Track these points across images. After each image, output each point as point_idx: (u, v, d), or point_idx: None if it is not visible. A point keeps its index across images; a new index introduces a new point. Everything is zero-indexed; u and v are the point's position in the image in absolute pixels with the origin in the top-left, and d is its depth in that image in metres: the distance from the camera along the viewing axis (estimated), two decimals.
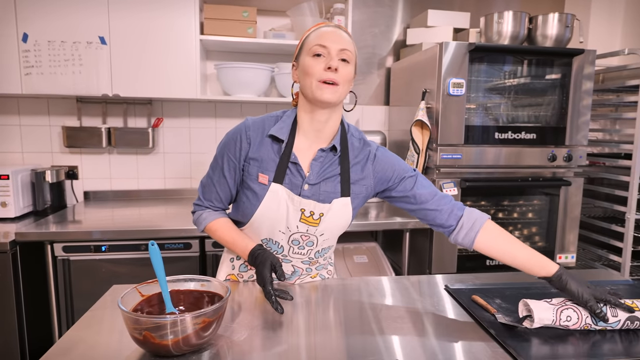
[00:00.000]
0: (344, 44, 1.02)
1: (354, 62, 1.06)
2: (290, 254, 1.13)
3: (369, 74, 2.65)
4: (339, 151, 1.08)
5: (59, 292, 1.82)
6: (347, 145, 1.10)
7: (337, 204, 1.08)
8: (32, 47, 1.96)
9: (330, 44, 1.01)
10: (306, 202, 1.06)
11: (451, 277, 1.28)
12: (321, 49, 1.01)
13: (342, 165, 1.09)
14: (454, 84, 1.91)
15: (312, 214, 1.06)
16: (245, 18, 2.14)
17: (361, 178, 1.11)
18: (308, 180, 1.07)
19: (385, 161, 1.12)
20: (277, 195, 1.06)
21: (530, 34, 2.11)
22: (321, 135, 1.09)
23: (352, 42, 1.06)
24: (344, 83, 1.03)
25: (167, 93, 2.12)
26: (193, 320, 0.77)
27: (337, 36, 1.03)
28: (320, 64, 1.01)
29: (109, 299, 1.09)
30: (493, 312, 0.99)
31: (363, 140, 1.14)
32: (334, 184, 1.08)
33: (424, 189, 1.11)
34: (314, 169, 1.07)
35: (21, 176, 2.07)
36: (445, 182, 1.96)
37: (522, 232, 2.20)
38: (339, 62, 1.01)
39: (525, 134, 2.02)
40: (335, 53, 1.01)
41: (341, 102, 1.06)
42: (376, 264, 2.13)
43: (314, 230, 1.08)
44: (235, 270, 1.23)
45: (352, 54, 1.04)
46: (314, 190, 1.07)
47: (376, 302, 1.09)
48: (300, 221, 1.07)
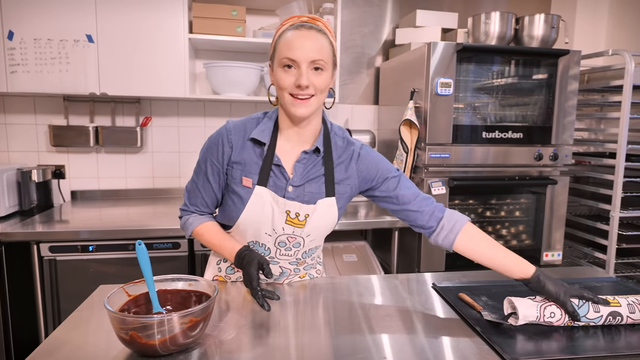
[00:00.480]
0: (314, 54, 0.95)
1: (331, 63, 1.01)
2: (277, 256, 1.12)
3: (358, 74, 2.66)
4: (322, 152, 1.07)
5: (45, 292, 1.80)
6: (330, 145, 1.09)
7: (322, 205, 1.07)
8: (17, 45, 1.93)
9: (299, 56, 0.95)
10: (291, 203, 1.05)
11: (439, 275, 1.29)
12: (290, 62, 0.96)
13: (325, 166, 1.08)
14: (442, 84, 1.93)
15: (298, 216, 1.06)
16: (234, 17, 2.14)
17: (345, 177, 1.10)
18: (292, 182, 1.06)
19: (369, 160, 1.12)
20: (261, 198, 1.05)
21: (517, 35, 2.14)
22: (303, 137, 1.07)
23: (328, 42, 0.99)
24: (319, 93, 0.99)
25: (155, 92, 2.10)
26: (180, 320, 0.76)
27: (308, 42, 0.95)
28: (291, 78, 0.97)
29: (96, 299, 1.08)
30: (479, 309, 1.00)
31: (347, 139, 1.12)
32: (318, 185, 1.08)
33: (407, 189, 1.11)
34: (297, 171, 1.07)
35: (7, 175, 2.04)
36: (434, 181, 1.98)
37: (509, 230, 2.23)
38: (311, 73, 0.96)
39: (513, 134, 2.05)
40: (306, 66, 0.95)
41: (319, 107, 1.03)
42: (365, 262, 2.14)
43: (300, 231, 1.08)
44: (222, 273, 1.22)
45: (326, 60, 0.97)
46: (298, 192, 1.07)
47: (365, 300, 1.10)
48: (285, 223, 1.06)
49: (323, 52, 0.97)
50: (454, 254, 2.05)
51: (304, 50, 0.95)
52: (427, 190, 1.98)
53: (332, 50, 1.01)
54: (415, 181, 2.07)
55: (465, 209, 2.21)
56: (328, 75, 1.00)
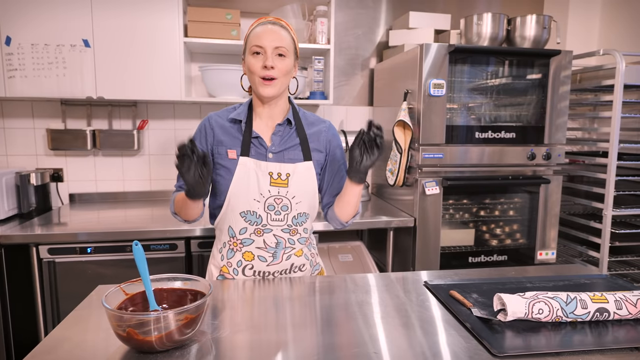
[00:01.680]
0: (278, 41, 1.17)
1: (293, 52, 1.22)
2: (269, 222, 1.23)
3: (352, 75, 2.68)
4: (293, 125, 1.27)
5: (44, 293, 1.82)
6: (300, 119, 1.29)
7: (301, 167, 1.24)
8: (15, 50, 1.95)
9: (265, 43, 1.16)
10: (272, 164, 1.22)
11: (432, 273, 1.31)
12: (258, 48, 1.17)
13: (299, 136, 1.27)
14: (434, 85, 1.96)
15: (280, 175, 1.22)
16: (228, 20, 2.16)
17: (317, 147, 1.29)
18: (271, 149, 1.24)
19: (335, 133, 1.35)
20: (245, 166, 1.21)
21: (509, 35, 2.17)
22: (273, 116, 1.27)
23: (289, 35, 1.21)
24: (282, 75, 1.19)
25: (151, 95, 2.13)
26: (175, 317, 0.79)
27: (272, 34, 1.17)
28: (259, 62, 1.17)
29: (94, 299, 1.10)
30: (469, 306, 1.02)
31: (317, 117, 1.35)
32: (295, 152, 1.26)
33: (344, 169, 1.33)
34: (275, 141, 1.25)
35: (5, 179, 2.06)
36: (428, 181, 2.00)
37: (503, 229, 2.25)
38: (275, 58, 1.17)
39: (505, 133, 2.08)
40: (271, 51, 1.16)
41: (284, 90, 1.25)
42: (361, 262, 2.16)
43: (285, 191, 1.22)
44: (224, 261, 1.28)
45: (288, 48, 1.19)
46: (278, 157, 1.24)
47: (359, 298, 1.12)
48: (270, 185, 1.21)
49: (285, 41, 1.19)
50: (449, 253, 2.09)
51: (269, 39, 1.17)
52: (422, 190, 2.01)
53: (294, 43, 1.23)
54: (409, 181, 2.10)
55: (459, 208, 2.23)
56: (290, 62, 1.21)
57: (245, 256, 1.25)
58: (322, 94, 2.37)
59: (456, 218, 2.23)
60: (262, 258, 1.25)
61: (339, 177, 1.33)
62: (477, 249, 2.16)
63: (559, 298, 0.96)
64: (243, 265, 1.26)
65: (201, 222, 1.87)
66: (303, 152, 1.26)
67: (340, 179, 1.33)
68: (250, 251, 1.25)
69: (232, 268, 1.27)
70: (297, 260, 1.30)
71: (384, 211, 2.21)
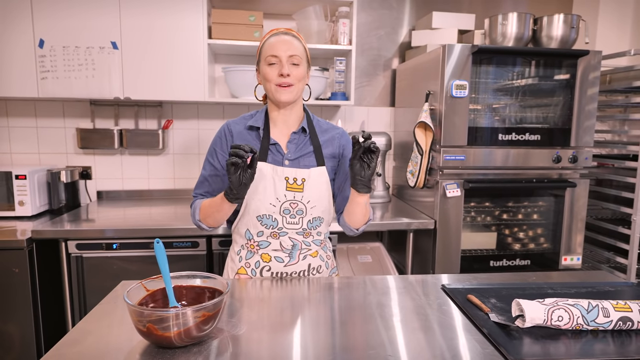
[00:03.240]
0: (291, 51, 1.23)
1: (305, 61, 1.27)
2: (285, 225, 1.27)
3: (374, 76, 2.67)
4: (307, 132, 1.30)
5: (72, 287, 1.89)
6: (314, 127, 1.33)
7: (315, 172, 1.28)
8: (48, 53, 2.04)
9: (280, 53, 1.22)
10: (288, 170, 1.26)
11: (451, 277, 1.30)
12: (273, 58, 1.23)
13: (313, 144, 1.31)
14: (457, 86, 1.93)
15: (295, 180, 1.25)
16: (252, 22, 2.19)
17: (332, 153, 1.33)
18: (287, 156, 1.28)
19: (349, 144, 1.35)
20: (262, 172, 1.24)
21: (535, 35, 2.12)
22: (289, 123, 1.31)
23: (301, 44, 1.26)
24: (298, 82, 1.24)
25: (176, 96, 2.18)
26: (194, 314, 0.81)
27: (285, 44, 1.23)
28: (275, 71, 1.23)
29: (117, 294, 1.14)
30: (487, 311, 1.01)
31: (330, 124, 1.39)
32: (310, 159, 1.30)
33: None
34: (290, 149, 1.29)
35: (37, 176, 2.16)
36: (449, 184, 1.98)
37: (527, 233, 2.20)
38: (290, 67, 1.23)
39: (530, 135, 2.03)
40: (285, 60, 1.22)
41: (299, 96, 1.29)
42: (380, 263, 2.16)
43: (300, 196, 1.26)
44: (242, 262, 1.31)
45: (301, 56, 1.25)
46: (294, 164, 1.28)
47: (377, 299, 1.12)
48: (286, 190, 1.25)
49: (298, 50, 1.24)
50: (470, 257, 2.05)
51: (283, 49, 1.22)
52: (442, 192, 1.98)
53: (305, 52, 1.28)
54: (430, 183, 2.08)
55: (481, 211, 2.19)
56: (303, 69, 1.26)
57: (263, 257, 1.29)
58: (343, 95, 2.37)
59: (478, 221, 2.19)
60: (279, 259, 1.28)
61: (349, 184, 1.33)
62: (499, 252, 2.11)
63: (579, 305, 0.93)
64: (261, 266, 1.29)
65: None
66: (316, 158, 1.30)
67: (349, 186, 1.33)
68: (267, 253, 1.29)
69: (251, 269, 1.30)
70: (313, 261, 1.32)
71: (404, 213, 2.19)
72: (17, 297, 1.82)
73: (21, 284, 1.82)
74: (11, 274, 1.81)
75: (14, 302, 1.82)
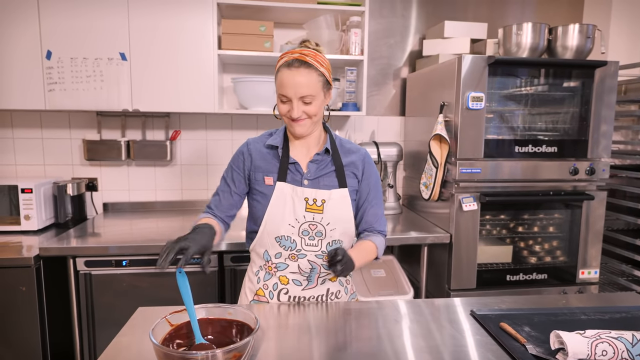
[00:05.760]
0: (303, 90, 1.15)
1: (321, 92, 1.19)
2: (303, 247, 1.22)
3: (384, 85, 2.64)
4: (331, 153, 1.26)
5: (80, 305, 1.84)
6: (337, 147, 1.29)
7: (336, 193, 1.24)
8: (55, 64, 1.99)
9: (289, 93, 1.16)
10: (308, 190, 1.22)
11: (476, 300, 1.25)
12: (284, 97, 1.17)
13: (335, 164, 1.26)
14: (473, 98, 1.89)
15: (315, 201, 1.21)
16: (262, 32, 2.15)
17: (354, 173, 1.29)
18: (306, 176, 1.24)
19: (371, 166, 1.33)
20: (282, 192, 1.22)
21: (549, 45, 2.08)
22: (309, 144, 1.28)
23: (315, 75, 1.16)
24: (312, 116, 1.19)
25: (185, 107, 2.14)
26: (224, 356, 0.77)
27: (295, 84, 1.15)
28: (287, 108, 1.19)
29: (135, 323, 1.10)
30: (523, 342, 0.97)
31: (353, 144, 1.35)
32: (331, 179, 1.25)
33: (371, 213, 1.31)
34: (311, 169, 1.25)
35: (44, 189, 2.11)
36: (465, 197, 1.94)
37: (542, 246, 2.16)
38: (301, 105, 1.17)
39: (546, 147, 1.99)
40: (296, 100, 1.16)
41: (317, 126, 1.25)
42: (394, 278, 2.11)
43: (320, 217, 1.21)
44: (260, 283, 1.28)
45: (314, 92, 1.16)
46: (314, 184, 1.24)
47: (404, 328, 1.08)
48: (306, 211, 1.21)
49: (310, 88, 1.15)
50: (485, 270, 2.02)
51: (293, 89, 1.15)
52: (458, 205, 1.94)
53: (322, 80, 1.18)
54: (445, 196, 2.04)
55: (496, 224, 2.16)
56: (318, 103, 1.19)
57: (281, 279, 1.25)
58: (354, 105, 2.34)
59: (493, 234, 2.16)
60: (297, 282, 1.25)
61: (363, 209, 1.31)
62: (515, 266, 2.08)
63: (623, 339, 0.90)
64: (279, 288, 1.25)
65: (233, 237, 1.86)
66: (338, 179, 1.26)
67: (364, 211, 1.31)
68: (285, 275, 1.25)
69: (269, 291, 1.26)
70: (332, 286, 1.29)
71: (416, 225, 2.15)
72: (24, 316, 1.77)
73: (28, 303, 1.77)
74: (18, 293, 1.76)
75: (21, 322, 1.77)
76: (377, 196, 1.32)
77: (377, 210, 1.31)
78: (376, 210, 1.31)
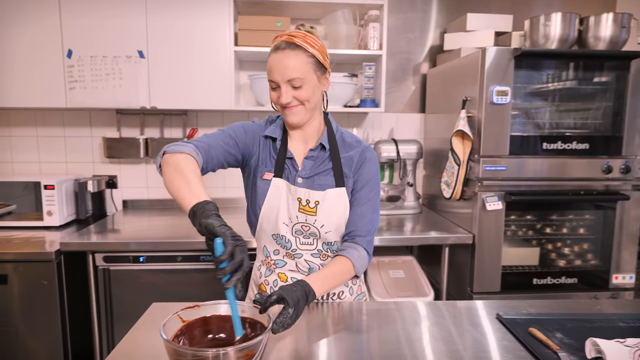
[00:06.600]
0: (288, 73, 1.06)
1: (312, 75, 1.09)
2: (298, 246, 1.17)
3: (403, 81, 2.57)
4: (328, 149, 1.16)
5: (99, 300, 1.86)
6: (336, 142, 1.18)
7: (331, 193, 1.14)
8: (76, 63, 2.02)
9: (276, 77, 1.08)
10: (301, 190, 1.14)
11: (502, 303, 1.18)
12: (273, 83, 1.10)
13: (333, 161, 1.16)
14: (498, 92, 1.81)
15: (308, 202, 1.13)
16: (279, 28, 2.13)
17: (349, 172, 1.17)
18: (300, 173, 1.16)
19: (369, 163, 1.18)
20: (278, 188, 1.15)
21: (580, 37, 1.98)
22: (307, 136, 1.19)
23: (304, 57, 1.07)
24: (304, 102, 1.10)
25: (202, 104, 2.13)
26: (236, 354, 0.73)
27: (283, 67, 1.06)
28: (277, 94, 1.10)
29: (147, 319, 1.08)
30: (555, 349, 0.90)
31: (355, 138, 1.22)
32: (327, 177, 1.16)
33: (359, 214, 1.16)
34: (306, 166, 1.16)
35: (65, 186, 2.14)
36: (489, 196, 1.86)
37: (572, 248, 2.05)
38: (290, 90, 1.08)
39: (577, 144, 1.89)
40: (284, 85, 1.08)
41: (312, 113, 1.14)
42: (413, 279, 2.05)
43: (313, 220, 1.13)
44: (262, 279, 1.24)
45: (303, 75, 1.07)
46: (308, 183, 1.15)
47: (425, 331, 1.02)
48: (299, 211, 1.14)
49: (297, 70, 1.06)
50: (510, 273, 1.93)
51: (280, 72, 1.07)
52: (481, 204, 1.87)
53: (313, 61, 1.09)
54: (468, 195, 1.96)
55: (522, 225, 2.06)
56: (309, 87, 1.09)
57: (280, 277, 1.20)
58: (372, 102, 2.28)
59: (518, 235, 2.06)
60: (295, 280, 1.14)
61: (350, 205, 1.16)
62: (542, 269, 1.98)
63: None
64: (279, 285, 1.20)
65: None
66: (335, 177, 1.15)
67: (351, 206, 1.16)
68: (284, 272, 1.20)
69: (269, 287, 1.22)
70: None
71: (437, 225, 2.08)
72: (45, 309, 1.80)
73: (50, 296, 1.79)
74: (40, 286, 1.79)
75: (43, 315, 1.80)
76: (370, 196, 1.17)
77: (364, 209, 1.15)
78: (363, 210, 1.15)
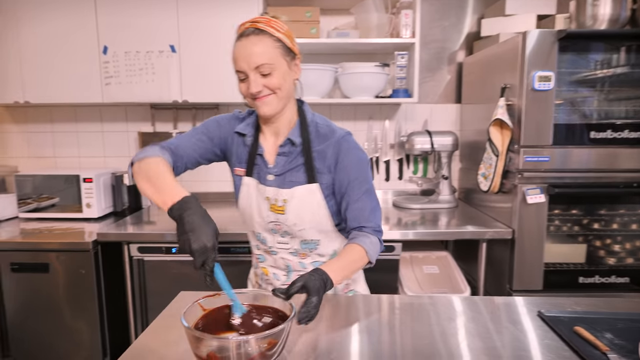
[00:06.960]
0: (255, 59, 0.99)
1: (281, 60, 1.02)
2: (275, 245, 1.15)
3: (438, 70, 2.48)
4: (299, 143, 1.09)
5: (134, 289, 1.91)
6: (308, 134, 1.10)
7: (300, 191, 1.08)
8: (111, 59, 2.08)
9: (243, 66, 1.00)
10: (269, 189, 1.10)
11: (543, 300, 1.10)
12: (240, 74, 1.03)
13: (305, 155, 1.09)
14: (540, 78, 1.70)
15: (276, 201, 1.09)
16: (308, 18, 2.10)
17: (322, 168, 1.09)
18: (271, 170, 1.11)
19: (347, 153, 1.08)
20: (248, 187, 1.13)
21: (633, 16, 1.82)
22: (279, 130, 1.12)
23: (270, 42, 1.00)
24: (276, 89, 1.03)
25: (231, 98, 2.14)
26: (258, 342, 0.71)
27: (247, 54, 0.99)
28: (246, 85, 1.03)
29: (175, 307, 1.08)
30: (604, 350, 0.82)
31: (331, 128, 1.12)
32: (298, 174, 1.09)
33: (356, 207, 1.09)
34: (279, 162, 1.11)
35: (103, 179, 2.21)
36: (530, 189, 1.75)
37: (623, 246, 1.90)
38: (259, 78, 1.01)
39: (629, 133, 1.74)
40: (252, 73, 1.00)
41: (284, 104, 1.06)
42: (448, 275, 1.97)
43: (284, 218, 1.09)
44: (253, 269, 1.26)
45: (271, 61, 1.00)
46: (279, 181, 1.10)
47: (460, 327, 0.96)
48: (269, 210, 1.11)
49: (264, 55, 0.99)
50: (553, 271, 1.81)
51: (246, 60, 1.00)
52: (522, 197, 1.76)
53: (280, 46, 1.02)
54: (506, 188, 1.86)
55: (566, 219, 1.93)
56: (279, 74, 1.02)
57: (264, 271, 1.21)
58: (405, 92, 2.21)
59: (563, 230, 1.93)
60: (276, 276, 1.19)
61: (345, 206, 1.09)
62: (589, 267, 1.84)
63: None
64: (264, 279, 1.22)
65: None
66: (307, 173, 1.08)
67: (346, 208, 1.09)
68: (266, 267, 1.20)
69: (258, 278, 1.25)
70: None
71: (474, 220, 1.99)
72: (84, 297, 1.87)
73: (88, 285, 1.86)
74: (79, 275, 1.86)
75: (82, 302, 1.87)
76: (361, 188, 1.08)
77: (362, 204, 1.08)
78: (361, 205, 1.08)
